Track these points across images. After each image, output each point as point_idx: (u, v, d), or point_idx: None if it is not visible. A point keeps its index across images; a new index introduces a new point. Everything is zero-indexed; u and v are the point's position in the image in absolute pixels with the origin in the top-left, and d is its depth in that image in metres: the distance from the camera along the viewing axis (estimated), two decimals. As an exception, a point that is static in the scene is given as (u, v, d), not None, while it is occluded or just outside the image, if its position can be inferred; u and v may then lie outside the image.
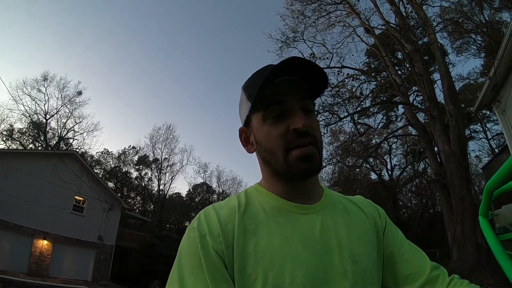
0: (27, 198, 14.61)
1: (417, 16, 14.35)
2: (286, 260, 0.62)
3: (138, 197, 37.37)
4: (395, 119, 23.40)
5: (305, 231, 0.67)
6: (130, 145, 38.80)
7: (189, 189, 40.35)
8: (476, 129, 25.01)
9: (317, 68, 0.69)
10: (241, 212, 0.68)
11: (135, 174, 36.58)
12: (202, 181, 39.33)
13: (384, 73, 18.44)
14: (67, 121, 29.81)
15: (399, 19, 14.94)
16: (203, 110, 58.70)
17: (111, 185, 31.51)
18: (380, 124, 21.96)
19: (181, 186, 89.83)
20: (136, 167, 36.46)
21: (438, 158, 13.63)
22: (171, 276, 0.62)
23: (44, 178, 15.73)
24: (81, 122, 30.57)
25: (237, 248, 0.63)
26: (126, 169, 35.98)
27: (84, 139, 32.42)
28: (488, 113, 18.69)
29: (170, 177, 35.56)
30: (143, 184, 36.11)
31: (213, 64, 59.70)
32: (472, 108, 12.12)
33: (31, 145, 28.70)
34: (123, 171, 35.61)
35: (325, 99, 13.07)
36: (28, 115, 27.76)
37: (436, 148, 13.58)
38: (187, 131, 58.80)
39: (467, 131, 20.53)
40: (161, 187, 35.27)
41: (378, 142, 19.25)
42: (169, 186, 35.65)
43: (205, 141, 59.13)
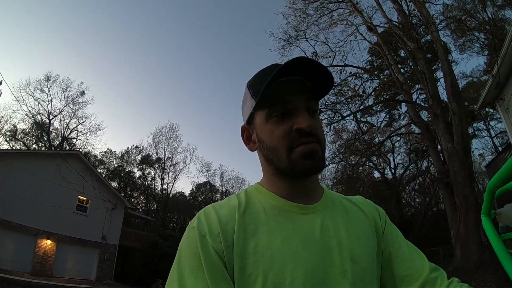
0: (31, 198, 14.69)
1: (419, 14, 14.31)
2: (286, 260, 0.62)
3: (141, 197, 37.51)
4: (398, 117, 23.33)
5: (305, 231, 0.67)
6: (133, 145, 38.99)
7: (192, 188, 40.34)
8: (479, 127, 24.98)
9: (323, 68, 0.69)
10: (241, 211, 0.68)
11: (138, 173, 36.79)
12: (205, 180, 39.40)
13: (387, 71, 18.36)
14: (70, 121, 29.92)
15: (401, 17, 14.89)
16: (206, 109, 58.75)
17: (114, 184, 31.69)
18: (383, 122, 21.84)
19: (184, 185, 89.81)
20: (139, 167, 36.66)
21: (441, 156, 13.58)
22: (170, 275, 0.62)
23: (47, 178, 15.79)
24: (84, 122, 30.74)
25: (237, 247, 0.62)
26: (129, 169, 36.17)
27: (87, 139, 32.59)
28: (491, 111, 18.63)
29: (173, 177, 35.81)
30: (147, 183, 36.27)
31: (215, 63, 59.84)
32: (475, 106, 12.07)
33: (34, 146, 28.91)
34: (126, 170, 35.76)
35: (328, 97, 12.99)
36: (31, 115, 27.91)
37: (439, 146, 13.53)
38: (190, 130, 58.84)
39: (470, 129, 20.51)
40: (164, 187, 35.49)
41: (381, 140, 19.13)
42: (172, 185, 35.92)
43: (208, 140, 59.13)
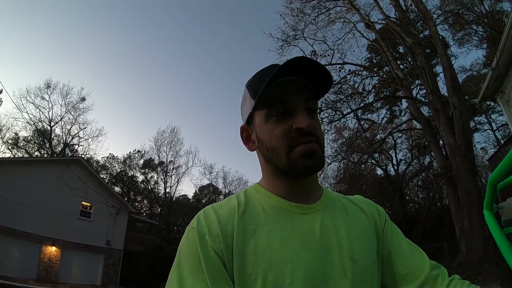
0: (35, 205, 14.74)
1: (417, 9, 14.30)
2: (286, 260, 0.62)
3: (145, 201, 37.52)
4: (399, 113, 23.34)
5: (304, 231, 0.67)
6: (135, 149, 38.94)
7: (196, 191, 40.36)
8: (480, 121, 24.92)
9: (322, 68, 0.69)
10: (241, 212, 0.68)
11: (141, 177, 36.79)
12: (208, 182, 39.37)
13: (386, 67, 18.36)
14: (71, 128, 29.95)
15: (399, 13, 14.90)
16: (207, 111, 58.67)
17: (117, 189, 31.74)
18: (384, 119, 21.92)
19: (187, 188, 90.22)
20: (141, 171, 36.66)
21: (443, 151, 13.58)
22: (170, 276, 0.62)
23: (50, 185, 15.83)
24: (85, 128, 30.62)
25: (237, 248, 0.63)
26: (132, 173, 36.17)
27: (89, 145, 32.85)
28: (492, 104, 18.53)
29: (176, 180, 35.74)
30: (150, 187, 36.29)
31: (215, 65, 59.77)
32: (476, 99, 12.04)
33: (36, 153, 28.98)
34: (129, 175, 35.79)
35: (328, 96, 13.00)
36: (32, 123, 27.94)
37: (441, 141, 13.52)
38: (191, 133, 58.62)
39: (471, 123, 20.46)
40: (168, 190, 35.44)
41: (382, 137, 19.18)
42: (175, 188, 35.83)
43: (209, 143, 59.07)
